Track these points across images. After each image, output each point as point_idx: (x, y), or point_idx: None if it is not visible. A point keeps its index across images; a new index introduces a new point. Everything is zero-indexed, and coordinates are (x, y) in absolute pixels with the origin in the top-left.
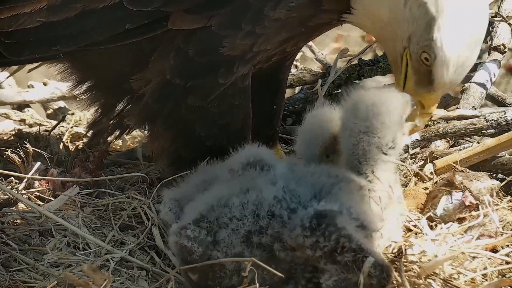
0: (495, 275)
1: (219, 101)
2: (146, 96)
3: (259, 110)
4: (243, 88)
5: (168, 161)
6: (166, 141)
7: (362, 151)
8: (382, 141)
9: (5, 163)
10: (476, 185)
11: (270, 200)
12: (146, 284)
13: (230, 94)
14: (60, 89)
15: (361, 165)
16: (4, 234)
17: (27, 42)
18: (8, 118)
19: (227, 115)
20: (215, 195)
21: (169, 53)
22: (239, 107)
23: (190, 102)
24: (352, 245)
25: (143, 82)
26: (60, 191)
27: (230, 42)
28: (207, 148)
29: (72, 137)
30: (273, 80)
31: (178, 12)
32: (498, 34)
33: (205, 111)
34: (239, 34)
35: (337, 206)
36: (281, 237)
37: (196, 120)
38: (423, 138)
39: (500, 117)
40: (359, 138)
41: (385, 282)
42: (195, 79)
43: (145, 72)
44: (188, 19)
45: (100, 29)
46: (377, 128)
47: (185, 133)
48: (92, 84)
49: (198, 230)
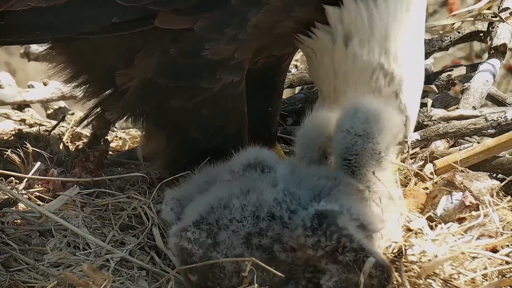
0: (495, 275)
1: (210, 104)
2: (128, 92)
3: (253, 113)
4: (236, 94)
5: (164, 163)
6: (161, 142)
7: (355, 154)
8: (376, 147)
9: (5, 163)
10: (476, 185)
11: (270, 202)
12: (146, 284)
13: (223, 98)
14: (60, 89)
15: (353, 167)
16: (4, 234)
17: (16, 24)
18: (8, 118)
19: (222, 118)
20: (215, 196)
21: (155, 52)
22: (234, 110)
23: (173, 104)
24: (353, 245)
25: (127, 78)
26: (60, 191)
27: (213, 46)
28: (202, 151)
29: (72, 137)
30: (268, 83)
31: (166, 11)
32: (498, 34)
33: (196, 114)
34: (222, 38)
35: (338, 206)
36: (281, 238)
37: (188, 122)
38: (423, 138)
39: (500, 117)
40: (354, 141)
41: (385, 283)
42: (177, 81)
43: (131, 68)
44: (175, 19)
45: (88, 20)
46: (374, 133)
47: (179, 135)
48: (85, 78)
49: (198, 232)
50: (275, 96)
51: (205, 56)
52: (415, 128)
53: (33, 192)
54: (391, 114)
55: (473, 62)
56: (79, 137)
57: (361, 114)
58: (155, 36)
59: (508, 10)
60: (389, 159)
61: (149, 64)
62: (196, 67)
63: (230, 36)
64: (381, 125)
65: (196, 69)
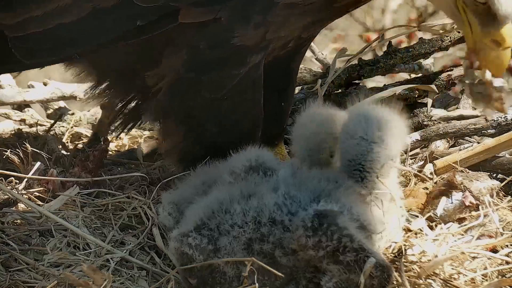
0: (495, 275)
1: (232, 94)
2: (161, 92)
3: (267, 108)
4: (255, 80)
5: (179, 157)
6: (178, 137)
7: (370, 161)
8: (390, 153)
9: (5, 163)
10: (476, 185)
11: (271, 207)
12: (146, 284)
13: (244, 87)
14: (60, 89)
15: (365, 173)
16: (4, 234)
17: (42, 45)
18: (8, 118)
19: (239, 110)
20: (217, 199)
21: (182, 48)
22: (252, 102)
23: (206, 95)
24: (354, 245)
25: (158, 78)
26: (60, 191)
27: (241, 33)
28: (218, 145)
29: (72, 137)
30: (284, 76)
31: (187, 6)
32: None
33: (217, 106)
34: (250, 24)
35: (338, 206)
36: (283, 243)
37: (208, 116)
38: (423, 138)
39: (500, 117)
40: (370, 148)
41: (385, 283)
42: (209, 72)
43: (159, 68)
44: (197, 12)
45: (112, 27)
46: (388, 140)
47: (197, 129)
48: (109, 83)
49: (199, 238)
50: (289, 89)
51: (234, 44)
52: (416, 128)
53: (33, 192)
54: (398, 121)
55: None
56: (79, 137)
57: (374, 121)
58: (178, 32)
59: None
60: (396, 164)
61: (177, 61)
62: (226, 56)
63: (257, 20)
64: (393, 132)
65: (226, 57)
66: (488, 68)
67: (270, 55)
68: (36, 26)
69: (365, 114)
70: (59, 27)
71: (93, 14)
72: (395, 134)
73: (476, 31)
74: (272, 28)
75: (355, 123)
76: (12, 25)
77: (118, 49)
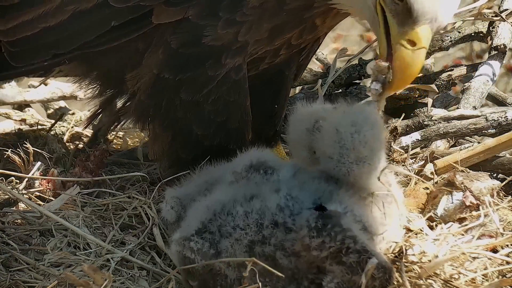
0: (496, 275)
1: (214, 97)
2: (139, 93)
3: (260, 109)
4: (237, 83)
5: (168, 162)
6: (165, 142)
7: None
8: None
9: (5, 163)
10: (477, 185)
11: (273, 209)
12: (147, 284)
13: (225, 90)
14: (61, 89)
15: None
16: (5, 234)
17: (29, 48)
18: (8, 118)
19: (223, 112)
20: (218, 199)
21: (159, 48)
22: (235, 104)
23: (184, 97)
24: (357, 246)
25: (136, 79)
26: (60, 190)
27: (211, 32)
28: (205, 147)
29: (72, 137)
30: (277, 79)
31: (159, 6)
32: (499, 34)
33: (200, 109)
34: (218, 23)
35: (342, 208)
36: (284, 245)
37: (192, 119)
38: (423, 138)
39: (501, 117)
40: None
41: (387, 283)
42: (184, 72)
43: (138, 69)
44: (169, 11)
45: (91, 29)
46: (368, 156)
47: (183, 132)
48: (95, 83)
49: (201, 242)
50: (283, 92)
51: (206, 44)
52: (416, 128)
53: (33, 192)
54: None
55: (473, 62)
56: (80, 137)
57: (364, 120)
58: (158, 34)
59: (508, 11)
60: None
61: (154, 61)
62: (200, 56)
63: (226, 19)
64: (378, 132)
65: (200, 57)
66: (401, 68)
67: (263, 63)
68: (25, 30)
69: (353, 113)
70: (44, 31)
71: (74, 16)
72: (381, 134)
73: (394, 30)
74: (242, 29)
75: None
76: (4, 30)
77: (103, 51)
